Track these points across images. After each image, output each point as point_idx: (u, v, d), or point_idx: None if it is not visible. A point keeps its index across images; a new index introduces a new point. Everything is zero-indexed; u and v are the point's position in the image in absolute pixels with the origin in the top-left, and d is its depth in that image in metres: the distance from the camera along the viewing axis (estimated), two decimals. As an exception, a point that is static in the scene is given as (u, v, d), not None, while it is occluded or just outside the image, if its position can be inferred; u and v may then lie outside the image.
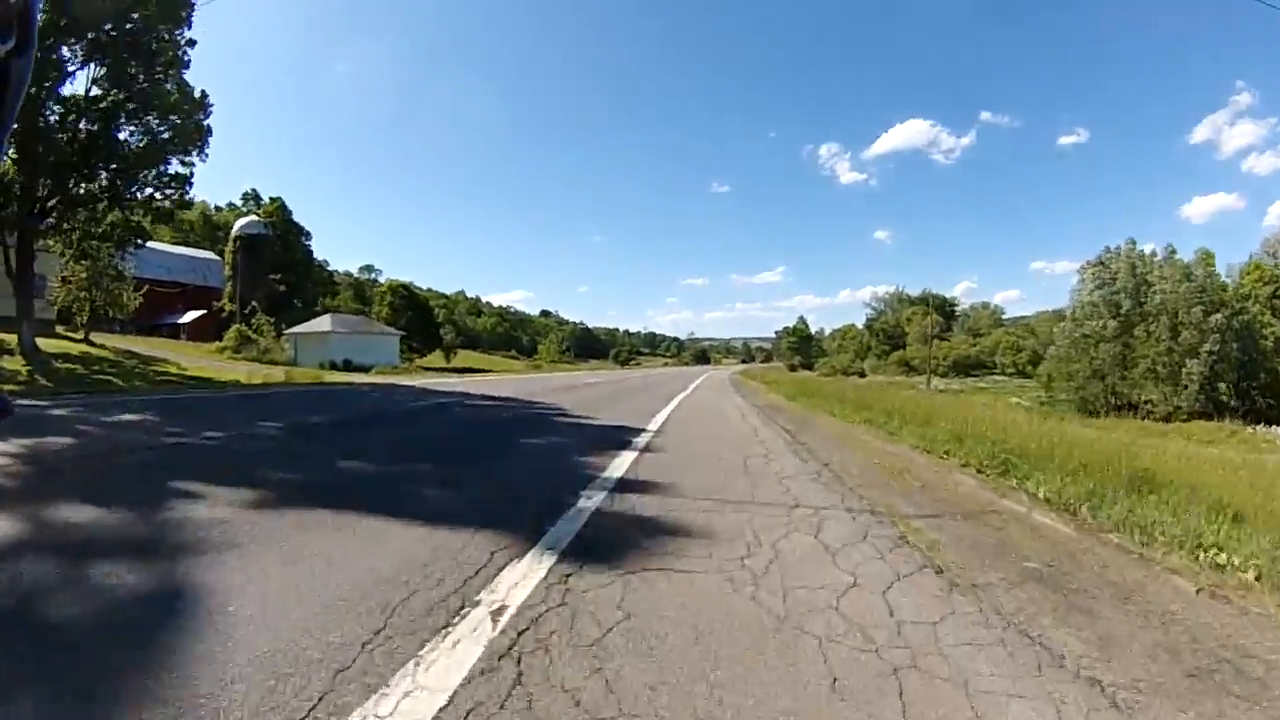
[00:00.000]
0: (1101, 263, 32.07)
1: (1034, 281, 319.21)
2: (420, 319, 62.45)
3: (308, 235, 78.17)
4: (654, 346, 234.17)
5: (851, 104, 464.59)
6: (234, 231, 61.00)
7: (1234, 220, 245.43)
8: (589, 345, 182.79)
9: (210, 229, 79.21)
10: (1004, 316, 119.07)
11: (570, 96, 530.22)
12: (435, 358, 71.68)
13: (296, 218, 69.17)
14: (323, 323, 46.50)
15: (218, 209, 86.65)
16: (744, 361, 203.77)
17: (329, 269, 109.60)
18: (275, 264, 61.82)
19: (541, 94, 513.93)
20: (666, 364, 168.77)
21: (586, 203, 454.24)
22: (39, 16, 0.84)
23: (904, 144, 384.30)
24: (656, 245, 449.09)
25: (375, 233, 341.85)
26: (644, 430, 9.81)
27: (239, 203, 79.21)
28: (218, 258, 64.51)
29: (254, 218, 65.63)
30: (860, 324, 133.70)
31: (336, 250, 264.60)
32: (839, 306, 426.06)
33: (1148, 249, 32.30)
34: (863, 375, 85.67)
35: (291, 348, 46.67)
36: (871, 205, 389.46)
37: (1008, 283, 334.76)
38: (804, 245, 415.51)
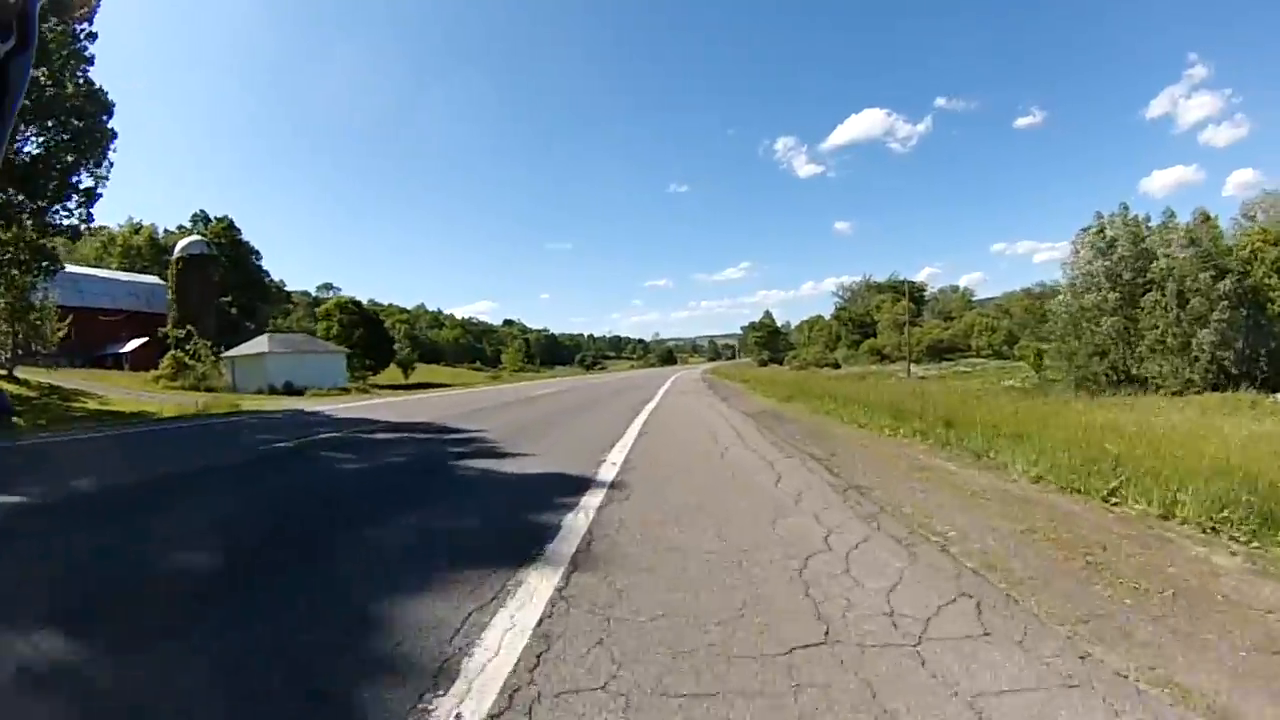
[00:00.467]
0: (1101, 229, 29.72)
1: (995, 263, 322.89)
2: (372, 335, 58.45)
3: (258, 255, 74.95)
4: (619, 350, 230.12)
5: (808, 97, 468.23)
6: (175, 252, 57.21)
7: (1194, 192, 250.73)
8: (554, 352, 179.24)
9: (158, 252, 74.50)
10: (973, 299, 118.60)
11: (525, 105, 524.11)
12: (393, 374, 67.77)
13: (252, 238, 65.32)
14: (259, 343, 42.49)
15: (167, 232, 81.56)
16: (711, 359, 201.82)
17: (286, 289, 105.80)
18: (224, 285, 58.58)
19: (498, 104, 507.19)
20: (633, 366, 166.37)
21: (547, 211, 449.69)
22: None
23: (861, 134, 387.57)
24: (618, 249, 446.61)
25: (336, 252, 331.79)
26: (592, 483, 6.60)
27: (188, 224, 75.28)
28: (163, 282, 60.01)
29: (196, 237, 61.38)
30: (826, 315, 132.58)
31: (295, 271, 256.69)
32: (803, 299, 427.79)
33: (1140, 216, 30.28)
34: (837, 366, 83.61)
35: (229, 372, 42.76)
36: (831, 197, 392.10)
37: (970, 266, 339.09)
38: (765, 240, 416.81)
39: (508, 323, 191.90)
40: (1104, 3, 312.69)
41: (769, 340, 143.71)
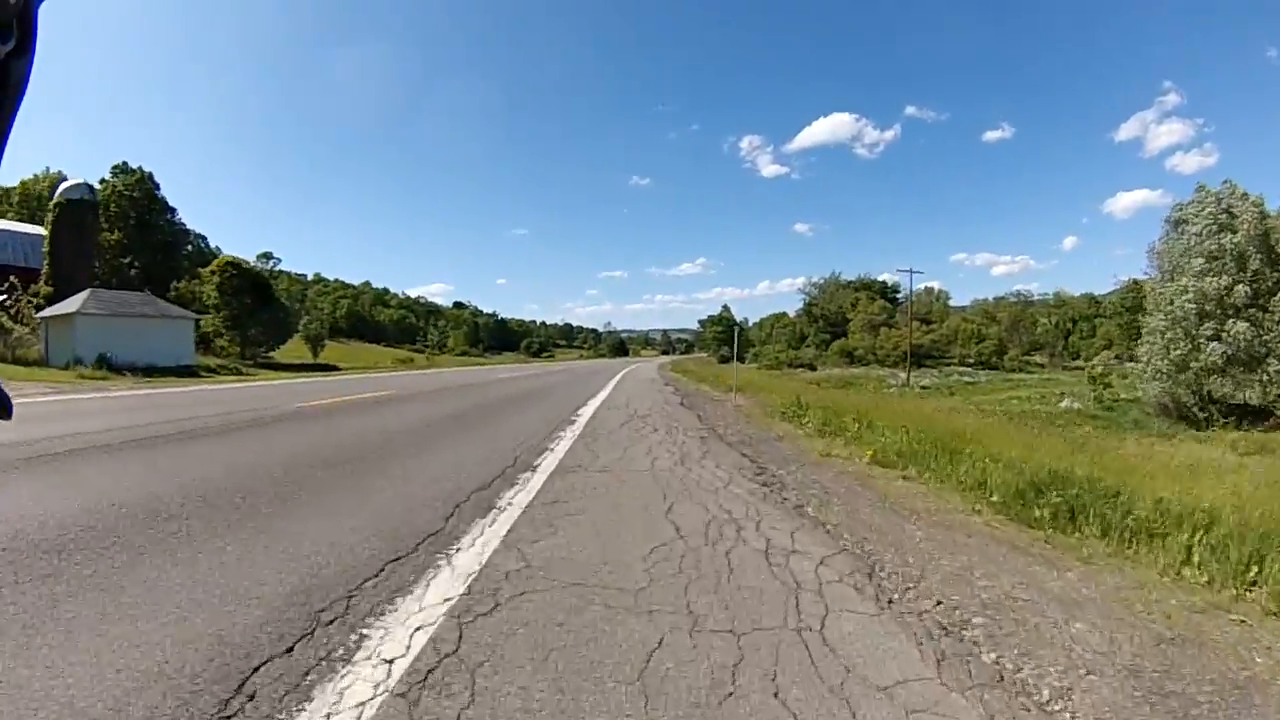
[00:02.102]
0: (1218, 201, 21.34)
1: (954, 272, 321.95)
2: (261, 303, 47.92)
3: (173, 212, 65.03)
4: (570, 339, 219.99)
5: (777, 97, 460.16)
6: (53, 198, 47.14)
7: (1157, 215, 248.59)
8: (504, 338, 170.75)
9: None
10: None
11: (488, 92, 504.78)
12: (295, 350, 57.20)
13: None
14: (72, 302, 31.96)
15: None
16: (665, 353, 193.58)
17: (213, 252, 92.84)
18: (129, 243, 51.17)
19: (460, 91, 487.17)
20: (582, 356, 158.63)
21: (506, 196, 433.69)
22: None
23: (828, 137, 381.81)
24: (576, 239, 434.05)
25: (290, 230, 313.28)
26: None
27: (109, 177, 63.59)
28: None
29: (78, 180, 49.78)
30: (790, 312, 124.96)
31: (242, 244, 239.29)
32: (758, 299, 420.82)
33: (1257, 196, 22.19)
34: (812, 368, 75.61)
35: (43, 339, 32.28)
36: (793, 199, 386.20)
37: (928, 275, 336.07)
38: (724, 238, 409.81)
39: (458, 305, 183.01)
40: (1083, 24, 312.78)
41: (728, 336, 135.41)
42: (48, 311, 32.77)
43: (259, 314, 47.60)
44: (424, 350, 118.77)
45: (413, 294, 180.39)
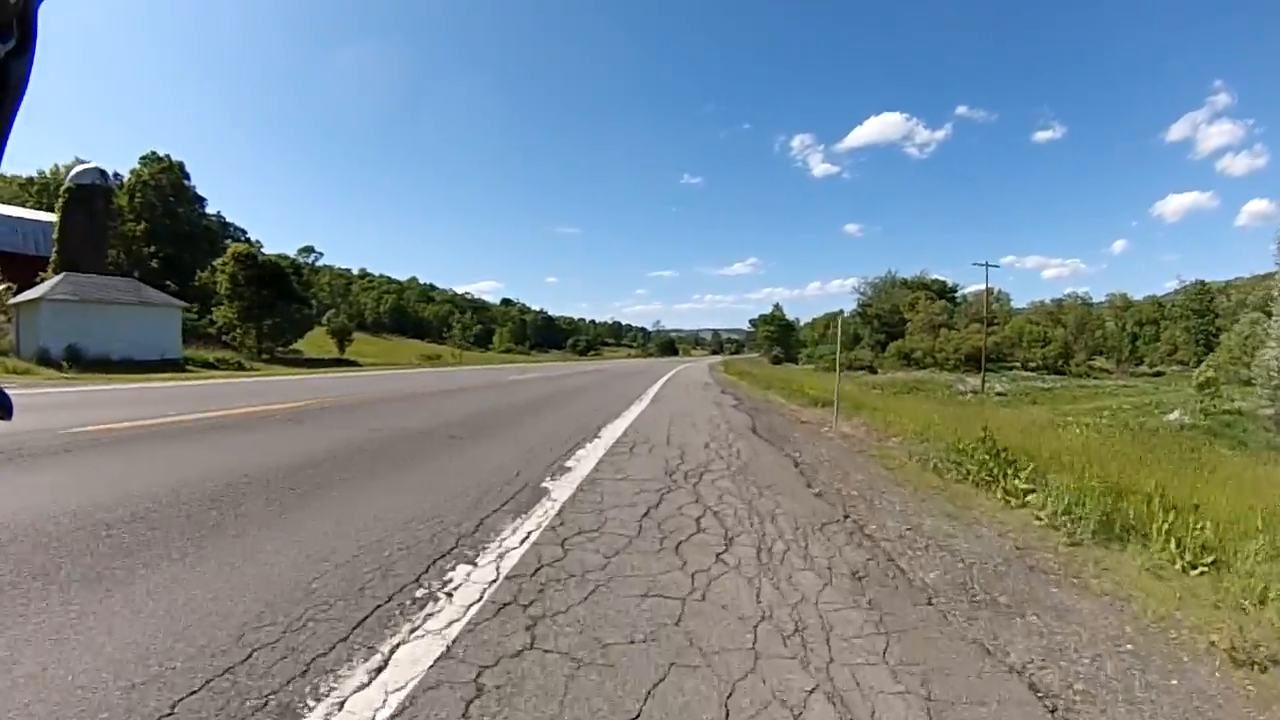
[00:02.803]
0: None
1: (1003, 277, 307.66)
2: (279, 294, 44.26)
3: (202, 202, 65.15)
4: (619, 337, 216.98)
5: (827, 96, 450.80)
6: (65, 183, 43.89)
7: (1207, 218, 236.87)
8: (550, 335, 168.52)
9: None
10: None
11: (540, 97, 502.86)
12: (321, 344, 53.69)
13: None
14: (43, 287, 28.34)
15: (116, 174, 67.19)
16: (714, 353, 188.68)
17: (254, 246, 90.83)
18: (156, 232, 51.12)
19: (513, 95, 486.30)
20: (630, 355, 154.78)
21: (557, 195, 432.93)
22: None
23: (878, 137, 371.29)
24: (626, 237, 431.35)
25: (349, 230, 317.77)
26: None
27: (139, 166, 62.70)
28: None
29: (91, 165, 47.04)
30: (837, 312, 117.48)
31: (295, 238, 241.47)
32: (808, 299, 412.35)
33: None
34: (873, 371, 69.57)
35: (13, 328, 28.99)
36: (844, 198, 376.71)
37: (978, 277, 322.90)
38: (775, 238, 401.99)
39: (506, 302, 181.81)
40: (1133, 23, 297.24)
41: (781, 335, 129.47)
42: (20, 297, 29.20)
43: (276, 306, 43.94)
44: (469, 347, 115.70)
45: (460, 290, 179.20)
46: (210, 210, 77.71)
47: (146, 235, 50.74)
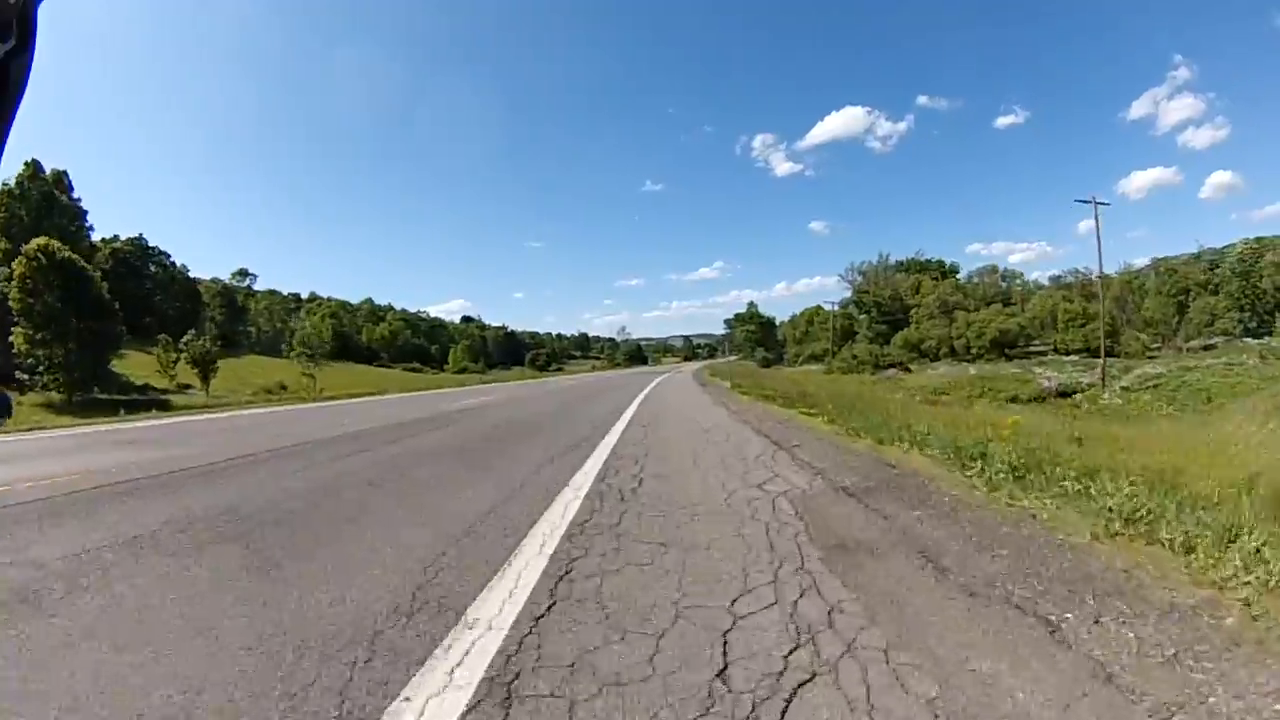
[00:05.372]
0: None
1: (970, 264, 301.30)
2: (79, 301, 31.04)
3: (83, 214, 60.63)
4: (585, 349, 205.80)
5: (788, 93, 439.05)
6: None
7: (1170, 193, 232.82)
8: (514, 351, 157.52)
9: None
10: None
11: (498, 103, 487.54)
12: (184, 374, 40.37)
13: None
14: None
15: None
16: (688, 359, 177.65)
17: (179, 272, 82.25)
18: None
19: (472, 104, 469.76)
20: (595, 367, 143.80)
21: (520, 209, 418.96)
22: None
23: (841, 132, 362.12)
24: (591, 249, 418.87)
25: (305, 253, 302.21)
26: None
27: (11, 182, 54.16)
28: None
29: None
30: (816, 308, 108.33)
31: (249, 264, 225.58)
32: (775, 299, 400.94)
33: None
34: (907, 369, 57.82)
35: None
36: (808, 196, 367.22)
37: (965, 259, 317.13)
38: (741, 240, 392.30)
39: (466, 319, 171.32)
40: (1092, 3, 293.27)
41: (763, 335, 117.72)
42: None
43: (71, 320, 30.56)
44: (421, 369, 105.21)
45: (433, 312, 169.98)
46: (128, 233, 73.02)
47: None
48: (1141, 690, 2.33)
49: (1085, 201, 43.75)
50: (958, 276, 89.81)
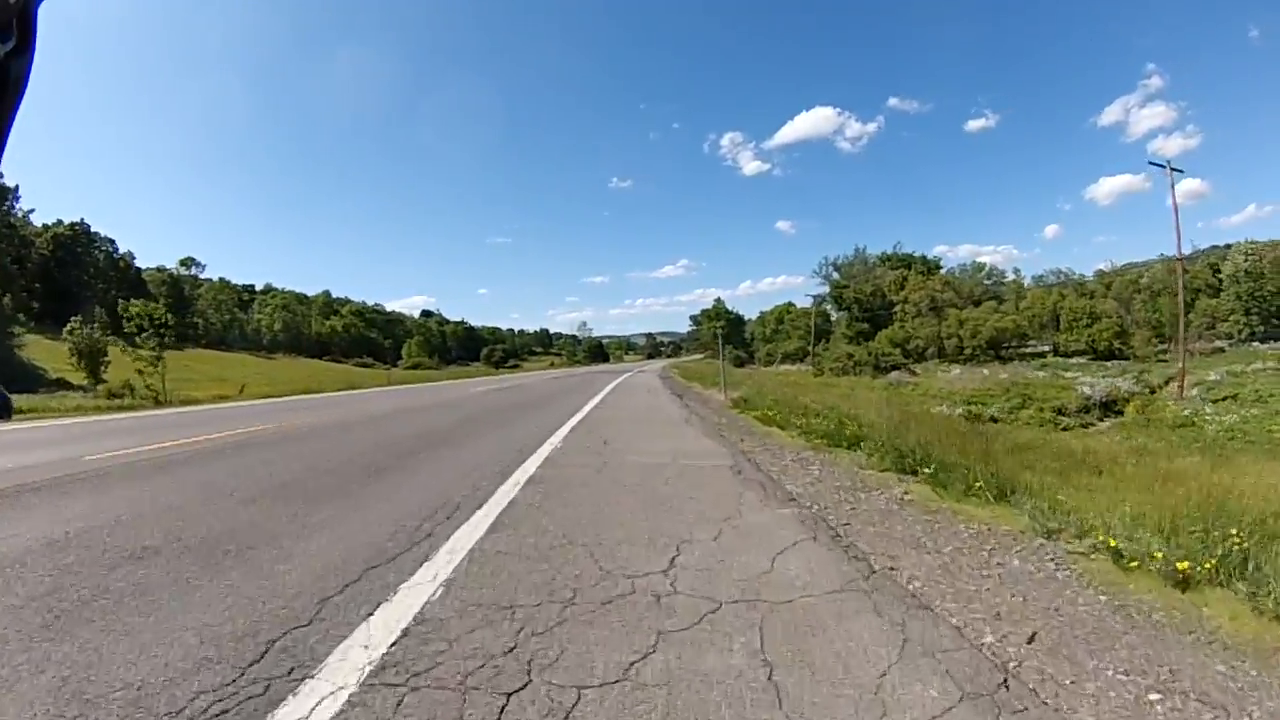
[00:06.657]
0: None
1: (943, 265, 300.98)
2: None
3: (12, 193, 60.43)
4: (547, 345, 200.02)
5: (758, 92, 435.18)
6: None
7: (1138, 200, 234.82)
8: (473, 347, 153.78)
9: None
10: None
11: (470, 87, 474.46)
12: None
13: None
14: None
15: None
16: (650, 357, 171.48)
17: (123, 259, 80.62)
18: None
19: (438, 97, 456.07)
20: (553, 364, 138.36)
21: (486, 204, 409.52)
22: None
23: (811, 132, 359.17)
24: (557, 245, 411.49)
25: (269, 246, 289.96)
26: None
27: None
28: None
29: None
30: (787, 305, 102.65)
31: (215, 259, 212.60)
32: (739, 299, 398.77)
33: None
34: (912, 371, 51.73)
35: None
36: (775, 196, 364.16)
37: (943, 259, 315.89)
38: (706, 239, 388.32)
39: (425, 314, 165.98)
40: (1067, 9, 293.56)
41: (732, 332, 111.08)
42: None
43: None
44: (373, 364, 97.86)
45: (395, 307, 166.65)
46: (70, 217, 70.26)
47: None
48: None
49: (1159, 165, 37.88)
50: (941, 272, 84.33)
